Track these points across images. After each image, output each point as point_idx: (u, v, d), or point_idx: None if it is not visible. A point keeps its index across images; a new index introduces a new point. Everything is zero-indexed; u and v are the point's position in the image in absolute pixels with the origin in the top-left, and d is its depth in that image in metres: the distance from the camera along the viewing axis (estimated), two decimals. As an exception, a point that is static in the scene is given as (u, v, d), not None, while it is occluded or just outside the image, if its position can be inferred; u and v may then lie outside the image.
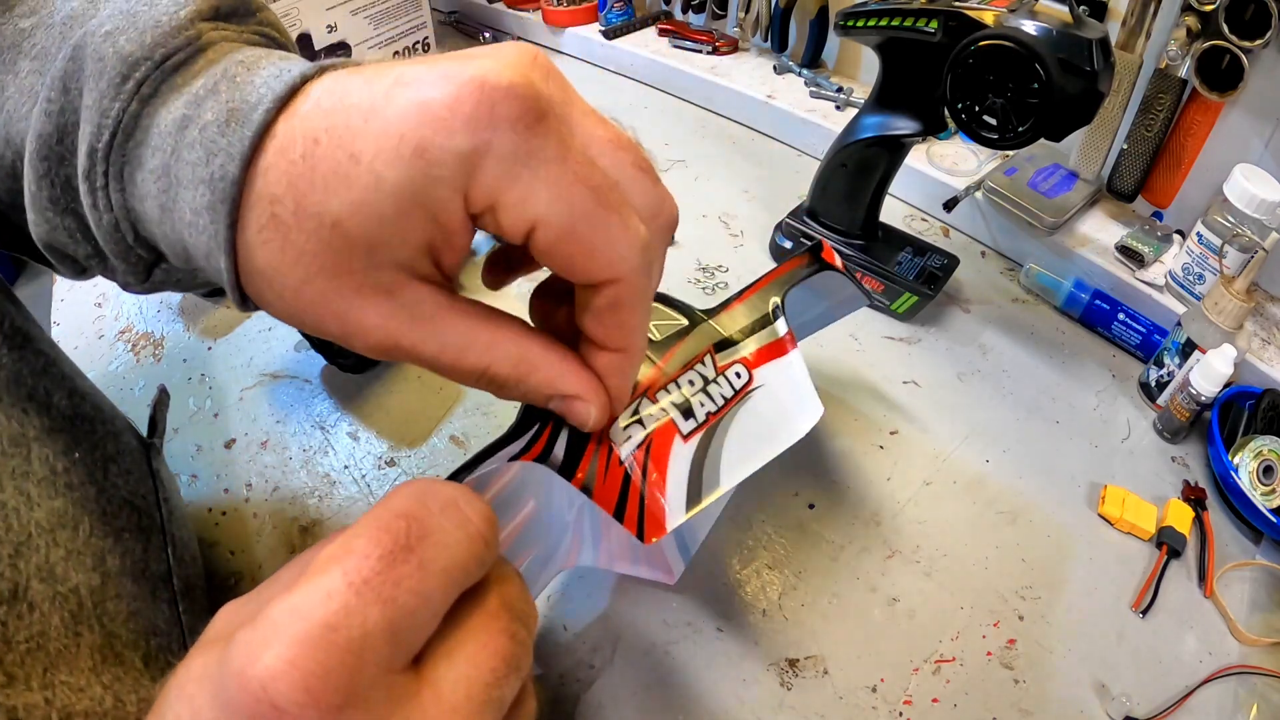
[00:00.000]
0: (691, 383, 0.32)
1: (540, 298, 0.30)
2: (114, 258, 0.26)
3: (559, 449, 0.29)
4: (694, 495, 0.30)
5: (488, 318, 0.24)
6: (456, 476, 0.28)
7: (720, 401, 0.32)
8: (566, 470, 0.29)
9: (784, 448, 0.32)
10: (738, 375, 0.34)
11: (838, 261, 0.42)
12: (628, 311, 0.24)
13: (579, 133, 0.23)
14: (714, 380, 0.33)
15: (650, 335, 0.33)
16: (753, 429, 0.32)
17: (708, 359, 0.34)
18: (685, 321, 0.36)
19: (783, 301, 0.37)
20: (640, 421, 0.30)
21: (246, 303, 0.24)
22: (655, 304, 0.35)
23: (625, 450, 0.29)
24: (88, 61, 0.24)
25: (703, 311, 0.37)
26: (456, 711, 0.19)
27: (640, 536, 0.28)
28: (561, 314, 0.28)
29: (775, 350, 0.35)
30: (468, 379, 0.24)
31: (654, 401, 0.31)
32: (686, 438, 0.31)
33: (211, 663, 0.18)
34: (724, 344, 0.35)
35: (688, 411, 0.31)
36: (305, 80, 0.22)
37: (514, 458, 0.29)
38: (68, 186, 0.25)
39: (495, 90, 0.20)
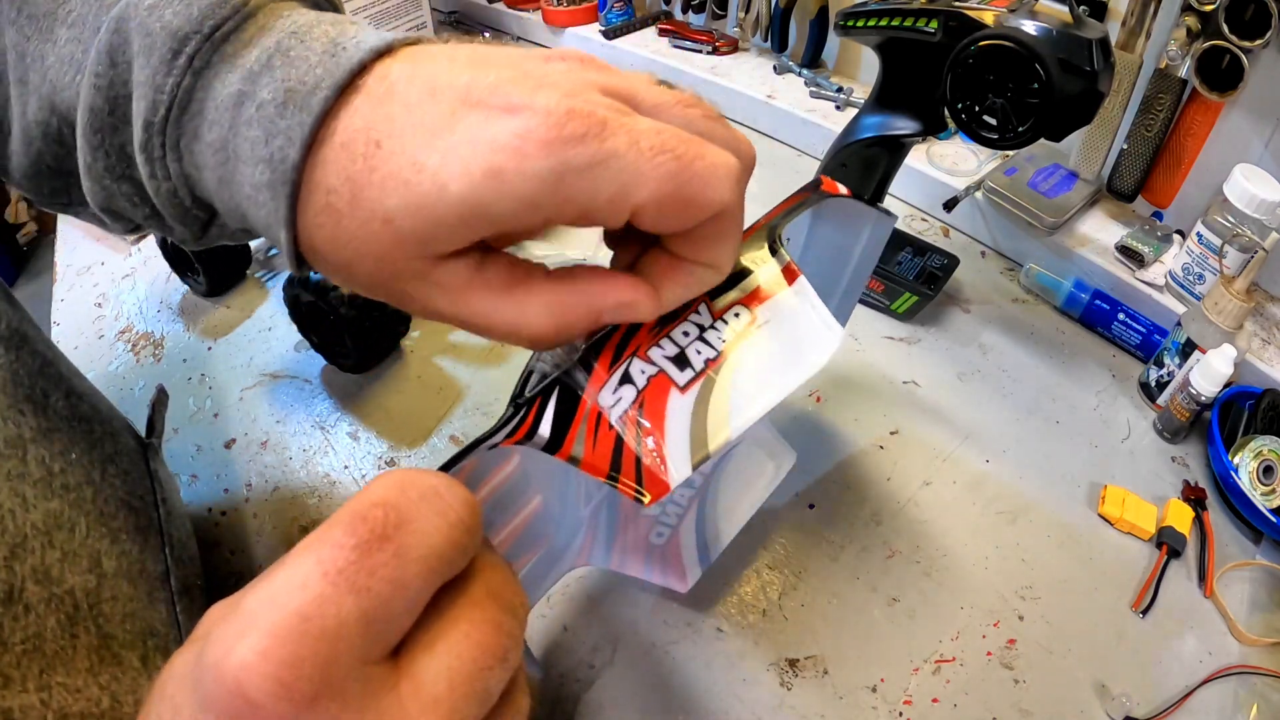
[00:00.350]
0: (686, 334, 0.30)
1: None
2: (172, 220, 0.26)
3: (544, 427, 0.28)
4: (699, 444, 0.27)
5: (514, 279, 0.24)
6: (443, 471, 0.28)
7: (719, 345, 0.30)
8: (553, 446, 0.27)
9: (803, 378, 0.30)
10: (736, 315, 0.31)
11: (841, 189, 0.38)
12: (729, 237, 0.25)
13: (645, 106, 0.23)
14: (710, 326, 0.30)
15: None
16: (762, 364, 0.30)
17: (702, 308, 0.31)
18: None
19: (779, 234, 0.33)
20: (630, 380, 0.28)
21: (303, 265, 0.24)
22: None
23: (615, 414, 0.28)
24: (134, 36, 0.24)
25: None
26: (438, 703, 0.19)
27: (639, 499, 0.26)
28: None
29: (776, 285, 0.32)
30: (507, 339, 0.25)
31: (644, 359, 0.29)
32: (684, 389, 0.28)
33: (190, 659, 0.18)
34: (718, 289, 0.31)
35: (682, 362, 0.29)
36: (363, 67, 0.23)
37: (493, 446, 0.28)
38: (122, 155, 0.26)
39: (562, 115, 0.21)
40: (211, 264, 0.65)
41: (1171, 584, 0.48)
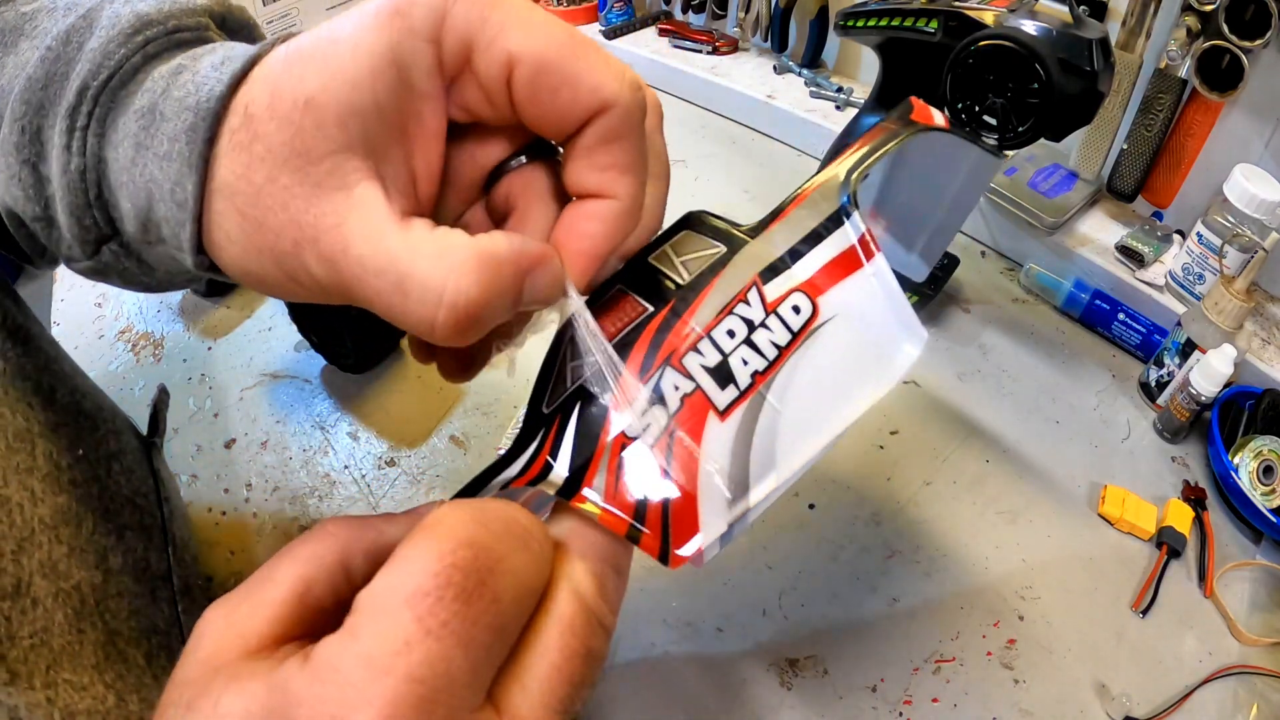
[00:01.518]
0: (731, 333, 0.24)
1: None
2: (66, 216, 0.24)
3: (561, 463, 0.23)
4: (739, 491, 0.23)
5: (437, 233, 0.21)
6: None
7: (773, 353, 0.24)
8: (570, 486, 0.23)
9: (873, 400, 0.24)
10: (796, 310, 0.25)
11: (937, 118, 0.31)
12: (623, 145, 0.22)
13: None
14: (762, 324, 0.24)
15: (674, 277, 0.25)
16: (823, 382, 0.24)
17: (753, 294, 0.25)
18: (723, 249, 0.26)
19: (854, 192, 0.27)
20: (662, 400, 0.23)
21: (200, 255, 0.23)
22: (688, 231, 0.27)
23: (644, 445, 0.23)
24: (101, 20, 0.24)
25: (747, 229, 0.27)
26: None
27: (663, 559, 0.22)
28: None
29: (847, 264, 0.26)
30: (422, 319, 0.21)
31: (680, 370, 0.24)
32: (725, 414, 0.23)
33: (256, 711, 0.17)
34: (775, 268, 0.25)
35: (725, 376, 0.23)
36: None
37: (506, 485, 0.24)
38: (36, 138, 0.24)
39: None
40: (211, 264, 0.65)
41: (1171, 584, 0.48)
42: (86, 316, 0.69)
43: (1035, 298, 0.68)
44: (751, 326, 0.24)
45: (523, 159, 0.26)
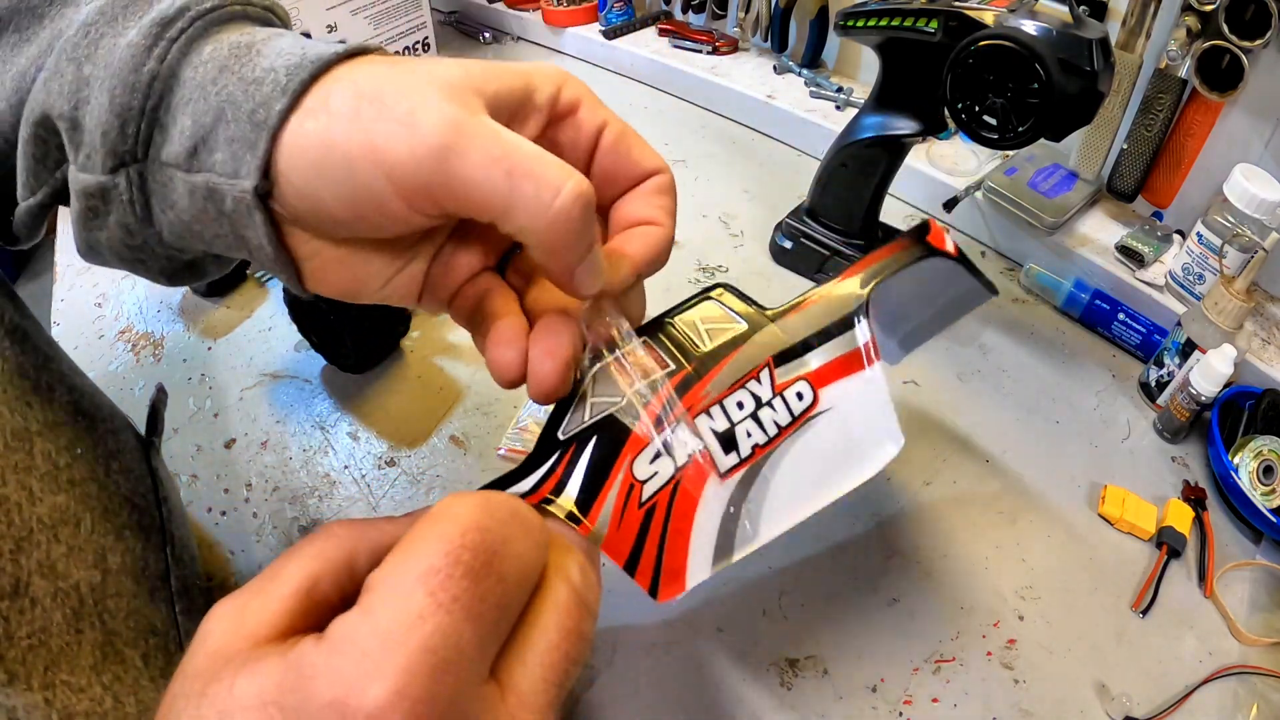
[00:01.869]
0: (740, 405, 0.27)
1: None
2: (109, 116, 0.24)
3: (573, 484, 0.25)
4: (724, 548, 0.25)
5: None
6: None
7: (773, 430, 0.27)
8: (578, 511, 0.25)
9: (849, 488, 0.28)
10: (799, 396, 0.28)
11: (949, 244, 0.34)
12: (669, 196, 0.29)
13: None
14: (768, 403, 0.27)
15: (697, 344, 0.29)
16: (810, 465, 0.27)
17: (764, 374, 0.28)
18: (744, 326, 0.29)
19: (869, 299, 0.30)
20: (670, 453, 0.26)
21: (263, 179, 0.23)
22: (714, 302, 0.31)
23: (649, 489, 0.25)
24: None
25: (769, 312, 0.30)
26: (543, 713, 0.20)
27: (653, 593, 0.25)
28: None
29: (850, 364, 0.29)
30: (549, 185, 0.23)
31: (691, 429, 0.26)
32: (724, 476, 0.26)
33: (271, 688, 0.17)
34: (787, 354, 0.29)
35: (729, 442, 0.26)
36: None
37: (521, 498, 0.25)
38: (95, 42, 0.25)
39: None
40: (211, 264, 0.65)
41: (1171, 584, 0.48)
42: (86, 316, 0.69)
43: (1035, 298, 0.68)
44: (759, 403, 0.27)
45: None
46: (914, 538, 0.50)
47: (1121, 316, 0.62)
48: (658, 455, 0.26)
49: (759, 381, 0.28)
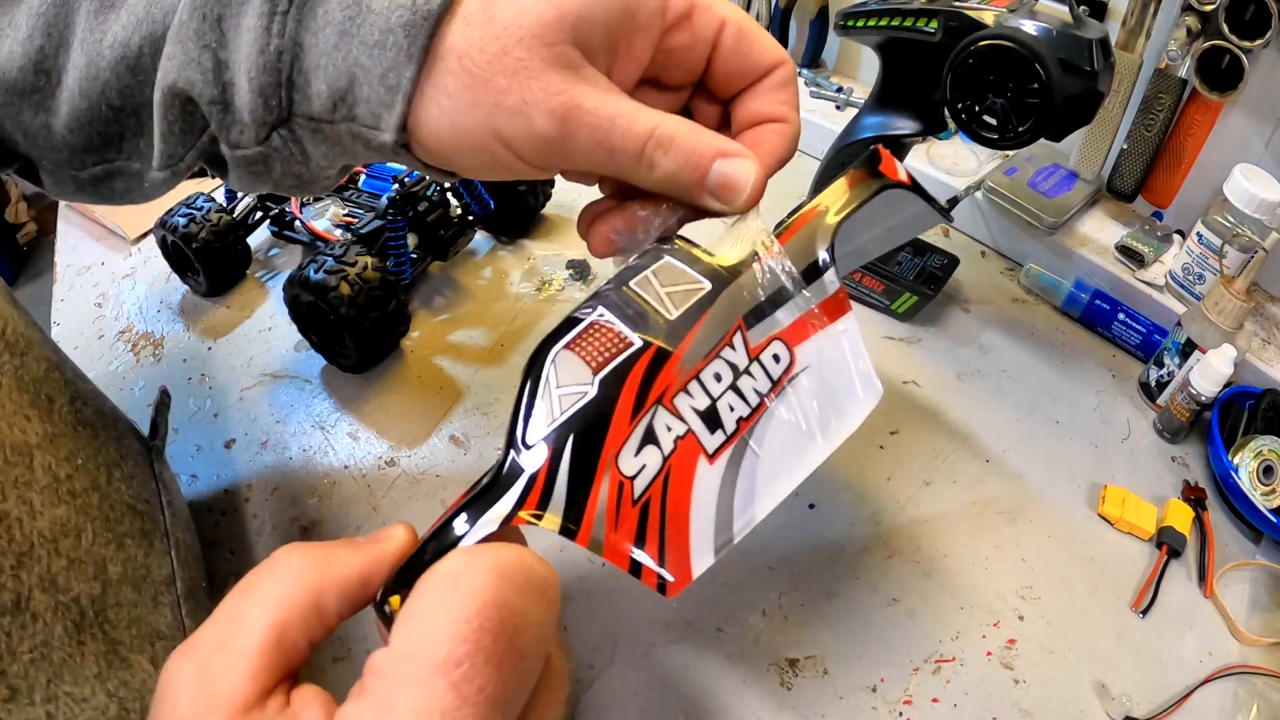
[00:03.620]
0: (718, 377, 0.25)
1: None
2: (254, 97, 0.26)
3: (559, 492, 0.23)
4: (723, 530, 0.25)
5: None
6: (432, 548, 0.23)
7: (754, 400, 0.26)
8: (570, 524, 0.23)
9: (834, 447, 0.27)
10: (776, 359, 0.27)
11: (901, 173, 0.32)
12: (792, 87, 0.30)
13: None
14: (745, 370, 0.26)
15: (661, 311, 0.26)
16: (793, 429, 0.26)
17: (737, 338, 0.26)
18: (707, 285, 0.27)
19: (833, 243, 0.29)
20: (655, 440, 0.24)
21: (401, 132, 0.26)
22: (669, 259, 0.28)
23: (640, 484, 0.24)
24: None
25: (728, 266, 0.28)
26: None
27: (661, 590, 0.24)
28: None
29: (821, 316, 0.28)
30: (636, 143, 0.26)
31: (671, 410, 0.25)
32: (713, 457, 0.25)
33: None
34: (757, 313, 0.27)
35: (713, 420, 0.25)
36: None
37: (506, 520, 0.23)
38: (216, 26, 0.26)
39: None
40: (211, 264, 0.65)
41: (1171, 584, 0.48)
42: (86, 317, 0.69)
43: (1035, 298, 0.68)
44: (736, 372, 0.26)
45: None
46: (914, 538, 0.50)
47: (1121, 316, 0.62)
48: (641, 446, 0.24)
49: (733, 348, 0.26)
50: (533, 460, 0.23)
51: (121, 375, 0.63)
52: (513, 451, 0.24)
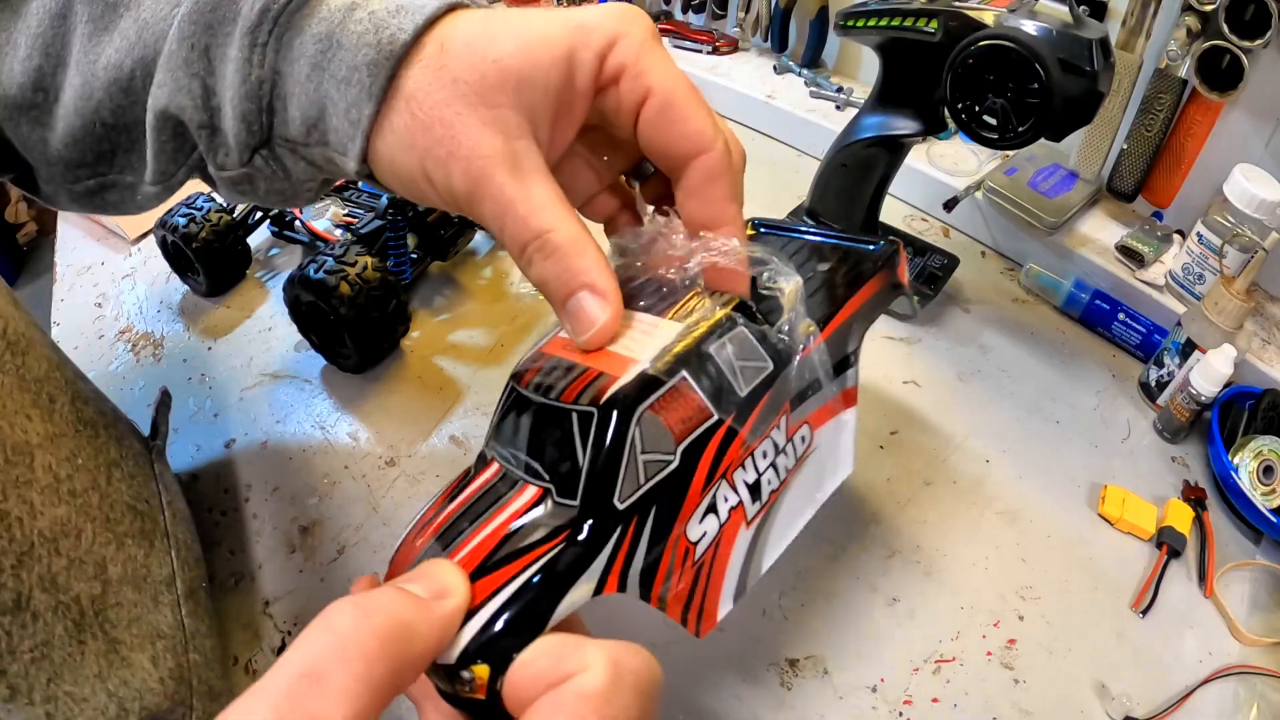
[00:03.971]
0: (765, 454, 0.28)
1: None
2: (236, 123, 0.28)
3: (639, 559, 0.24)
4: (743, 584, 0.28)
5: (564, 199, 0.27)
6: (510, 616, 0.22)
7: (783, 474, 0.29)
8: (645, 585, 0.25)
9: (815, 509, 0.30)
10: (803, 440, 0.30)
11: (907, 279, 0.37)
12: (719, 183, 0.28)
13: None
14: (782, 449, 0.29)
15: (735, 386, 0.27)
16: (797, 494, 0.30)
17: (783, 419, 0.29)
18: (770, 365, 0.28)
19: (860, 343, 0.33)
20: (715, 511, 0.27)
21: (362, 163, 0.27)
22: (744, 328, 0.28)
23: (700, 549, 0.26)
24: None
25: (784, 347, 0.29)
26: None
27: (696, 633, 0.27)
28: None
29: (838, 406, 0.31)
30: (525, 236, 0.26)
31: (730, 484, 0.27)
32: (750, 522, 0.28)
33: None
34: (801, 396, 0.30)
35: (756, 492, 0.28)
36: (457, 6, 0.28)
37: (597, 591, 0.24)
38: (204, 55, 0.28)
39: (633, 8, 0.28)
40: (211, 264, 0.65)
41: (1171, 584, 0.48)
42: (86, 316, 0.69)
43: (1035, 298, 0.68)
44: (777, 450, 0.29)
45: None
46: (914, 538, 0.50)
47: (1121, 316, 0.62)
48: (705, 515, 0.26)
49: (779, 429, 0.29)
50: (620, 525, 0.24)
51: (121, 375, 0.63)
52: (598, 516, 0.24)
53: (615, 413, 0.24)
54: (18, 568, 0.29)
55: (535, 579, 0.23)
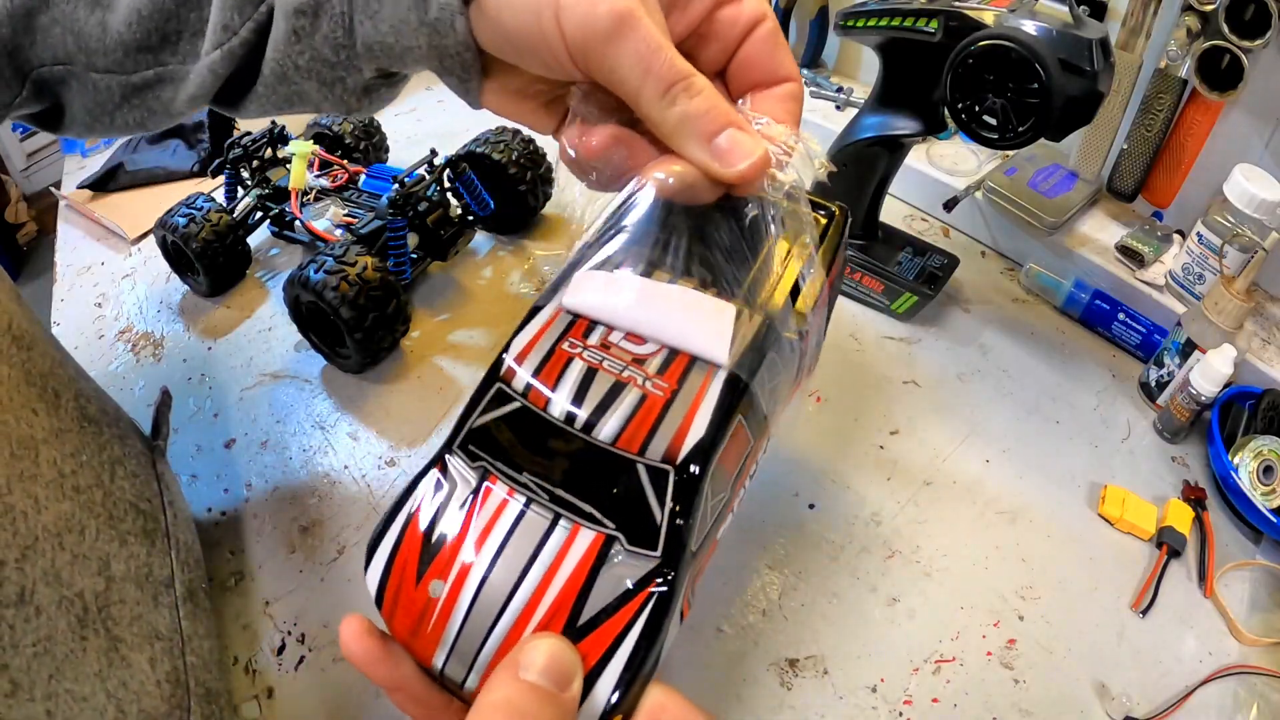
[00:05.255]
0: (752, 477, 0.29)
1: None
2: None
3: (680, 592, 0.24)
4: None
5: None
6: (635, 695, 0.23)
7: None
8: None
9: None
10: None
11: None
12: (799, 103, 0.30)
13: None
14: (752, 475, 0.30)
15: (764, 408, 0.28)
16: None
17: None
18: (791, 377, 0.30)
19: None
20: (707, 541, 0.27)
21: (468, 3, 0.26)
22: (775, 353, 0.28)
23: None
24: None
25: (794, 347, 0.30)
26: None
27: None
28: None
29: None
30: (673, 76, 0.26)
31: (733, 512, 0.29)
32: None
33: None
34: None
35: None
36: None
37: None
38: None
39: None
40: (211, 264, 0.65)
41: (1171, 584, 0.48)
42: (86, 316, 0.69)
43: (1035, 298, 0.68)
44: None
45: None
46: (914, 538, 0.50)
47: (1121, 316, 0.62)
48: (699, 550, 0.27)
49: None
50: (689, 566, 0.24)
51: (122, 375, 0.63)
52: (672, 568, 0.24)
53: (694, 470, 0.24)
54: (21, 561, 0.29)
55: (641, 633, 0.23)
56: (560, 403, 0.25)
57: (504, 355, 0.26)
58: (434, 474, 0.26)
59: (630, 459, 0.24)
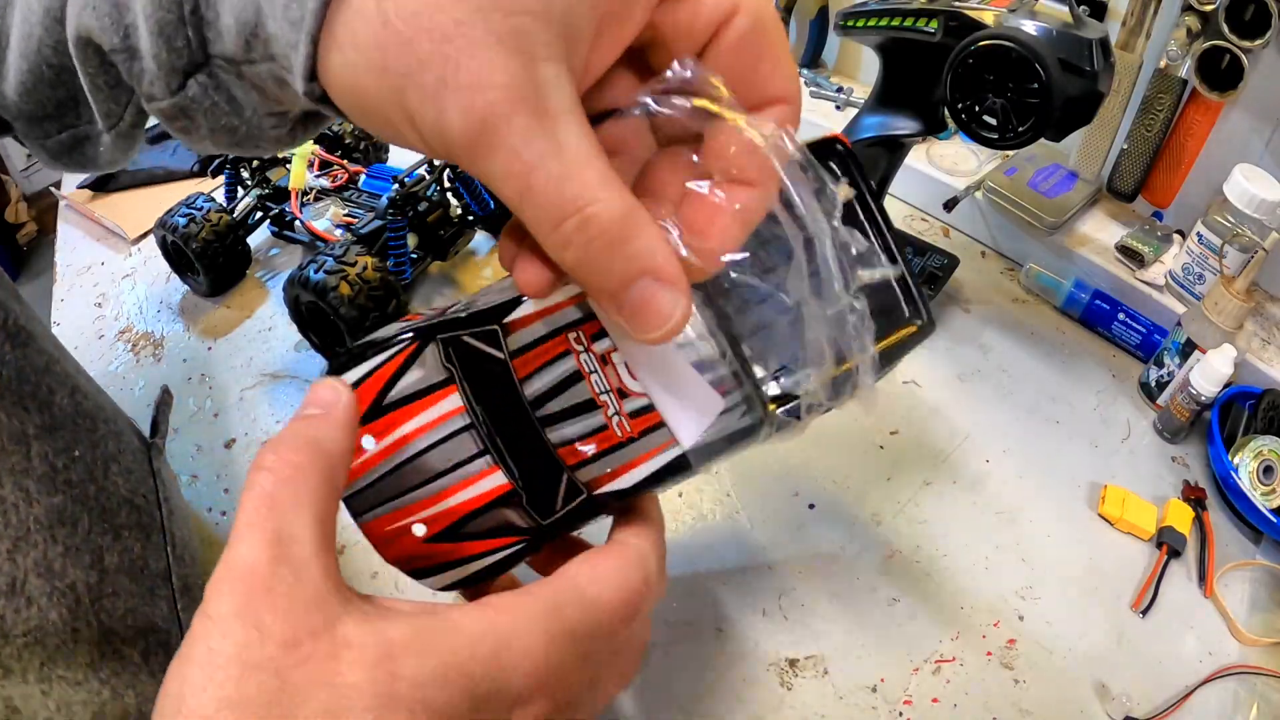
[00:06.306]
0: None
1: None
2: (153, 38, 0.22)
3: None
4: None
5: (602, 149, 0.20)
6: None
7: None
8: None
9: None
10: None
11: None
12: (776, 49, 0.23)
13: None
14: None
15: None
16: None
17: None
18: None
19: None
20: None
21: (311, 82, 0.20)
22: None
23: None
24: None
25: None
26: None
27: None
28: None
29: None
30: (559, 209, 0.19)
31: None
32: None
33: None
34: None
35: None
36: None
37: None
38: None
39: None
40: (211, 264, 0.65)
41: (1171, 584, 0.48)
42: (86, 316, 0.69)
43: (1035, 298, 0.68)
44: None
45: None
46: (914, 538, 0.50)
47: (1121, 316, 0.62)
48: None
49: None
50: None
51: (121, 375, 0.63)
52: (546, 539, 0.27)
53: (600, 504, 0.27)
54: (13, 551, 0.29)
55: (496, 562, 0.27)
56: (534, 388, 0.26)
57: (523, 299, 0.26)
58: (415, 348, 0.26)
59: (561, 466, 0.26)
